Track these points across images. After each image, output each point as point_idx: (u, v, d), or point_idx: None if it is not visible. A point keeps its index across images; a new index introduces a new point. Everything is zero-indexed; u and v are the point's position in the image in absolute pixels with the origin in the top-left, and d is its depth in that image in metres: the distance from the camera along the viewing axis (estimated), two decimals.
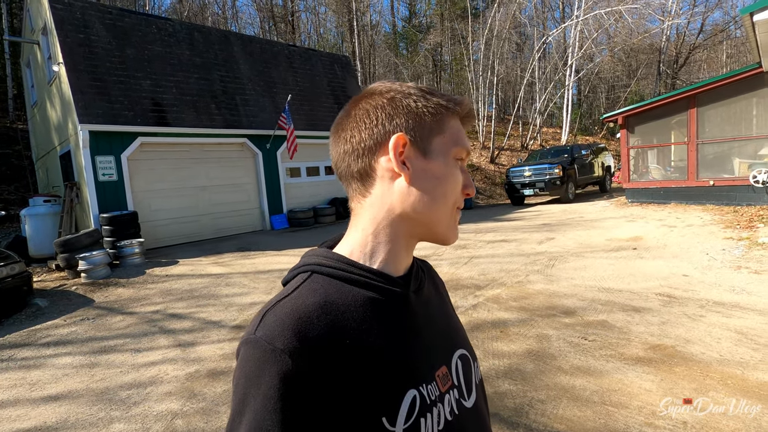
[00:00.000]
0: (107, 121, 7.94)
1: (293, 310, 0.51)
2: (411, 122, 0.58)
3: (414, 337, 0.59)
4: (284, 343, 0.48)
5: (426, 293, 0.66)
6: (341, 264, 0.58)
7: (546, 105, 23.02)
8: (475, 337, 3.57)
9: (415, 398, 0.54)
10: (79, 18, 8.28)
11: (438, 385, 0.58)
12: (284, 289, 0.57)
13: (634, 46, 24.06)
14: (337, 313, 0.53)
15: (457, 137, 0.61)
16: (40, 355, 3.98)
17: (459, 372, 0.64)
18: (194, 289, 5.75)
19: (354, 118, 0.60)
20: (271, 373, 0.47)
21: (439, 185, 0.59)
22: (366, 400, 0.50)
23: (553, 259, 5.90)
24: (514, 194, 13.24)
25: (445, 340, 0.65)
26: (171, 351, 3.82)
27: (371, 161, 0.59)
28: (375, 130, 0.58)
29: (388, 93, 0.60)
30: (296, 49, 12.80)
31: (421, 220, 0.60)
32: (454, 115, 0.61)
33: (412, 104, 0.59)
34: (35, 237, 7.99)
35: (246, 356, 0.49)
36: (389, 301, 0.58)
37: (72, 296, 5.80)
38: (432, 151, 0.59)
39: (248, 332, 0.51)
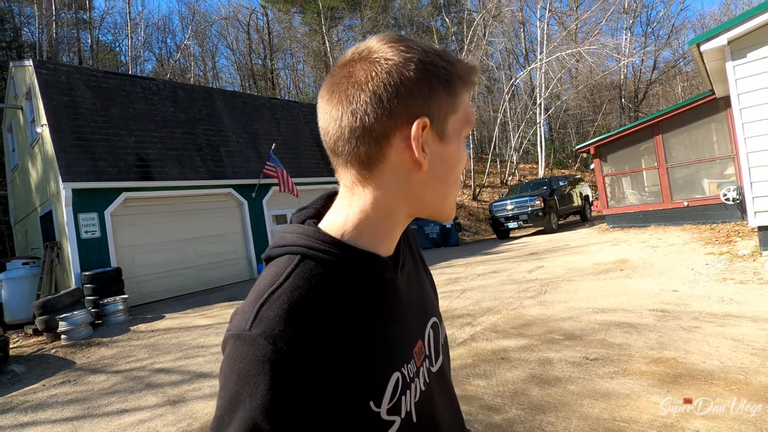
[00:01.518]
0: (91, 178, 7.92)
1: (291, 305, 0.47)
2: (433, 103, 0.51)
3: (398, 319, 0.57)
4: (285, 341, 0.45)
5: (407, 268, 0.63)
6: (335, 249, 0.52)
7: (520, 142, 23.99)
8: (476, 365, 3.51)
9: (398, 380, 0.53)
10: (64, 81, 8.48)
11: (415, 361, 0.58)
12: (271, 273, 0.51)
13: (597, 84, 25.68)
14: (334, 304, 0.50)
15: (468, 114, 0.56)
16: (17, 422, 3.71)
17: (430, 341, 0.64)
18: (182, 342, 5.53)
19: (365, 88, 0.50)
20: (271, 373, 0.44)
21: (454, 170, 0.55)
22: (356, 387, 0.49)
23: (545, 285, 5.93)
24: (498, 228, 13.44)
25: (422, 313, 0.64)
26: (160, 408, 3.62)
27: (383, 146, 0.51)
28: (397, 110, 0.50)
29: (410, 55, 0.51)
30: (278, 101, 13.24)
31: (432, 204, 0.56)
32: (467, 87, 0.55)
33: (433, 79, 0.51)
34: (12, 302, 7.66)
35: (240, 353, 0.46)
36: (380, 286, 0.55)
37: (51, 359, 5.50)
38: (447, 133, 0.54)
39: (239, 326, 0.47)
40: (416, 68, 0.50)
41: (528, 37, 29.18)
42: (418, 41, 0.53)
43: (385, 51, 0.51)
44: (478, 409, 2.80)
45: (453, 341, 4.17)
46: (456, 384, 3.22)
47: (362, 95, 0.50)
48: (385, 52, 0.51)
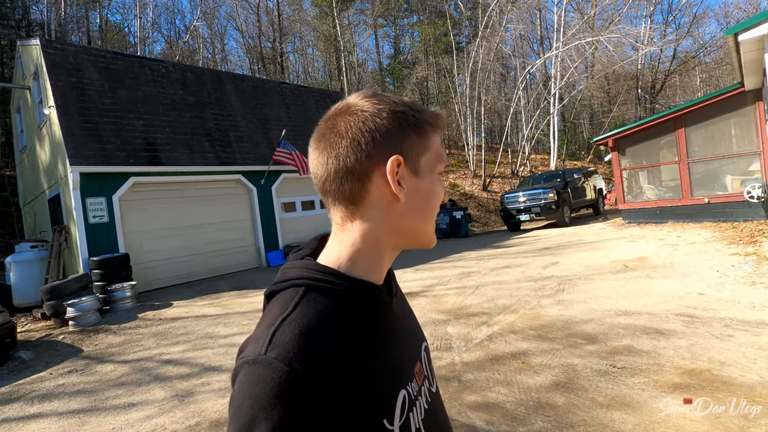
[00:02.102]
0: (99, 162, 7.80)
1: (304, 330, 0.50)
2: (406, 144, 0.59)
3: (398, 340, 0.62)
4: (301, 363, 0.47)
5: (399, 295, 0.70)
6: (335, 279, 0.57)
7: (533, 132, 23.51)
8: (496, 369, 3.36)
9: (405, 397, 0.58)
10: (72, 62, 8.30)
11: (417, 380, 0.63)
12: (279, 305, 0.55)
13: (613, 74, 25.01)
14: (342, 329, 0.54)
15: (439, 153, 0.63)
16: (23, 413, 3.64)
17: (426, 363, 0.70)
18: (190, 332, 5.44)
19: (347, 135, 0.58)
20: (288, 395, 0.46)
21: (429, 201, 0.62)
22: (371, 408, 0.52)
23: (562, 283, 5.74)
24: (509, 220, 13.20)
25: (415, 337, 0.70)
26: (168, 402, 3.52)
27: (366, 183, 0.58)
28: (373, 152, 0.57)
29: (383, 107, 0.59)
30: (288, 86, 12.98)
31: (412, 234, 0.62)
32: (436, 132, 0.63)
33: (404, 123, 0.59)
34: (20, 285, 7.64)
35: (255, 377, 0.47)
36: (379, 311, 0.60)
37: (59, 346, 5.45)
38: (421, 169, 0.61)
39: (254, 352, 0.49)
40: (388, 116, 0.59)
41: (543, 23, 28.43)
42: (389, 96, 0.62)
43: (362, 104, 0.60)
44: (500, 419, 2.65)
45: (470, 341, 4.02)
46: (476, 389, 3.08)
47: (343, 141, 0.58)
48: (362, 105, 0.59)
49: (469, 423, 2.64)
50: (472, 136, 21.99)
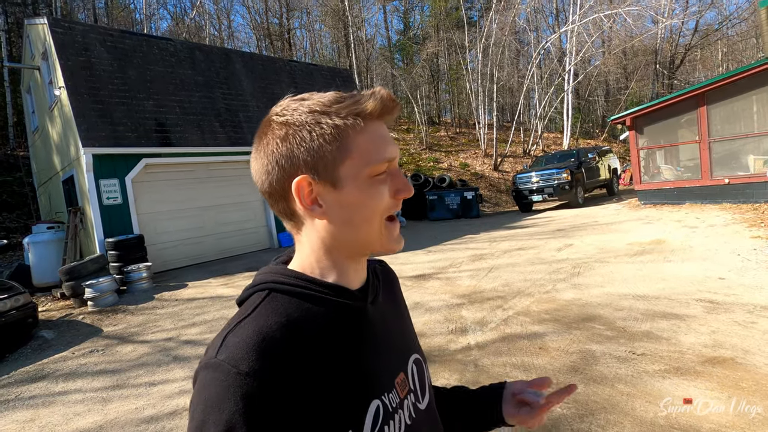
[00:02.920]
0: (111, 143, 7.79)
1: (256, 331, 0.49)
2: (309, 158, 0.54)
3: (374, 348, 0.59)
4: (249, 366, 0.46)
5: (382, 302, 0.66)
6: (299, 281, 0.57)
7: (546, 110, 22.97)
8: (512, 354, 3.35)
9: (379, 408, 0.55)
10: (80, 41, 8.21)
11: (398, 392, 0.60)
12: (242, 309, 0.55)
13: (632, 48, 24.15)
14: (299, 331, 0.52)
15: (367, 155, 0.55)
16: (49, 392, 3.75)
17: (414, 376, 0.66)
18: (206, 313, 5.53)
19: (259, 156, 0.58)
20: (236, 397, 0.45)
21: (357, 212, 0.56)
22: (332, 416, 0.50)
23: (577, 266, 5.68)
24: (521, 201, 13.05)
25: (402, 346, 0.67)
26: (188, 382, 3.59)
27: (288, 204, 0.57)
28: (280, 174, 0.56)
29: (281, 129, 0.56)
30: (297, 64, 12.75)
31: (353, 246, 0.58)
32: (359, 130, 0.55)
33: (306, 137, 0.54)
34: (39, 265, 7.79)
35: (207, 380, 0.47)
36: (348, 316, 0.58)
37: (79, 326, 5.57)
38: (341, 179, 0.55)
39: (208, 356, 0.49)
40: (286, 134, 0.55)
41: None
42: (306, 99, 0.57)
43: (267, 122, 0.58)
44: None
45: (485, 325, 4.02)
46: (493, 374, 3.08)
47: (259, 163, 0.58)
48: (271, 120, 0.57)
49: None
50: (483, 115, 21.58)
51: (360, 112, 0.56)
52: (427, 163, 20.25)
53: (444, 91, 31.40)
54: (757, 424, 2.19)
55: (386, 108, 0.57)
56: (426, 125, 22.84)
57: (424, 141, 22.42)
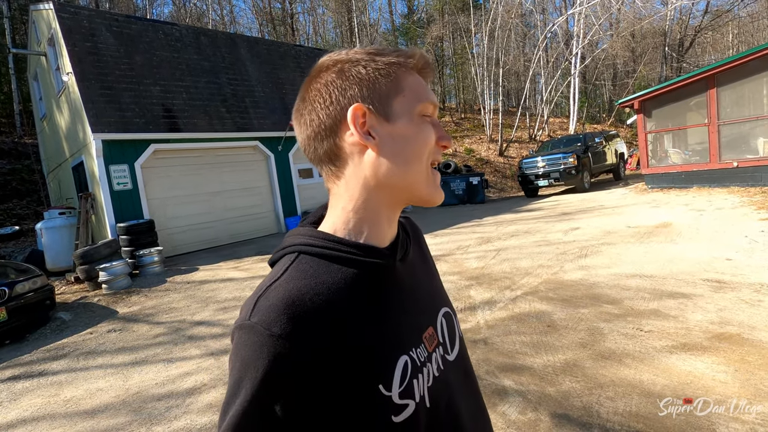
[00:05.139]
0: (120, 129, 7.85)
1: (286, 294, 0.51)
2: (365, 90, 0.56)
3: (401, 305, 0.60)
4: (281, 328, 0.49)
5: (411, 258, 0.66)
6: (327, 243, 0.57)
7: (552, 95, 22.72)
8: (521, 332, 3.42)
9: (407, 363, 0.56)
10: (86, 26, 8.19)
11: (426, 346, 0.61)
12: (272, 272, 0.57)
13: (641, 30, 23.71)
14: (329, 293, 0.53)
15: (417, 93, 0.58)
16: (71, 368, 3.88)
17: (444, 329, 0.67)
18: (218, 294, 5.64)
19: (309, 101, 0.59)
20: (270, 357, 0.48)
21: (408, 146, 0.57)
22: (361, 372, 0.52)
23: (584, 248, 5.72)
24: (527, 186, 13.03)
25: (431, 301, 0.68)
26: (204, 360, 3.70)
27: (336, 140, 0.58)
28: (331, 108, 0.57)
29: (335, 66, 0.58)
30: (302, 48, 12.67)
31: (399, 186, 0.58)
32: (409, 71, 0.59)
33: (362, 71, 0.57)
34: (52, 250, 7.93)
35: (242, 341, 0.50)
36: (377, 274, 0.58)
37: (95, 308, 5.71)
38: (394, 113, 0.57)
39: (242, 317, 0.51)
40: (341, 68, 0.57)
41: None
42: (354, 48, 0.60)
43: (319, 68, 0.59)
44: (529, 379, 2.73)
45: (494, 305, 4.09)
46: (503, 351, 3.16)
47: (308, 106, 0.59)
48: (319, 68, 0.59)
49: (498, 383, 2.73)
50: (488, 100, 21.39)
51: (410, 56, 0.59)
52: None
53: (449, 75, 31.08)
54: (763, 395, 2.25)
55: (426, 65, 0.61)
56: None
57: None
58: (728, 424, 2.09)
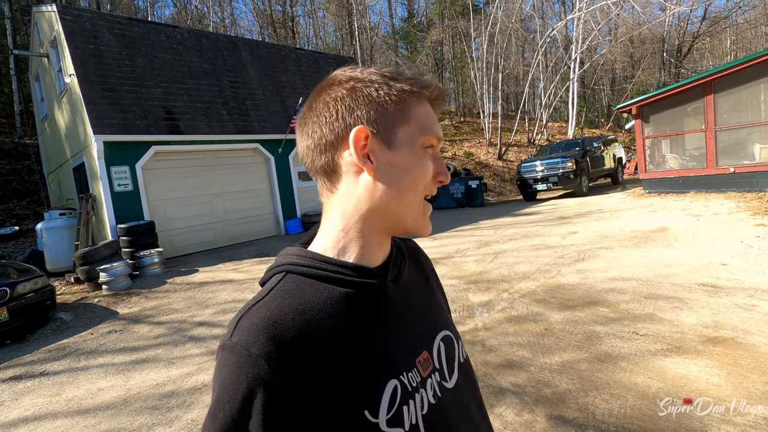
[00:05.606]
0: (121, 131, 7.89)
1: (267, 314, 0.51)
2: (372, 113, 0.56)
3: (393, 327, 0.58)
4: (259, 348, 0.48)
5: (406, 279, 0.65)
6: (314, 262, 0.57)
7: (551, 100, 22.85)
8: (518, 334, 3.47)
9: (396, 388, 0.54)
10: (89, 29, 8.25)
11: (419, 371, 0.58)
12: (259, 292, 0.56)
13: (639, 36, 23.87)
14: (312, 313, 0.52)
15: (424, 125, 0.58)
16: (72, 368, 3.91)
17: (441, 354, 0.64)
18: (218, 295, 5.67)
19: (315, 111, 0.58)
20: (248, 378, 0.47)
21: (405, 177, 0.57)
22: (346, 397, 0.50)
23: (581, 252, 5.77)
24: (526, 189, 13.10)
25: (427, 324, 0.65)
26: (206, 360, 3.74)
27: (334, 156, 0.57)
28: (336, 124, 0.56)
29: (348, 82, 0.57)
30: (303, 52, 12.75)
31: (389, 213, 0.58)
32: (420, 101, 0.58)
33: (373, 93, 0.56)
34: (52, 250, 7.95)
35: (222, 361, 0.50)
36: (365, 295, 0.57)
37: (95, 309, 5.73)
38: (397, 141, 0.56)
39: (224, 337, 0.51)
40: (353, 86, 0.56)
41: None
42: (369, 68, 0.59)
43: (331, 80, 0.59)
44: (526, 381, 2.77)
45: (491, 308, 4.13)
46: (501, 353, 3.20)
47: (314, 117, 0.58)
48: (331, 81, 0.58)
49: (496, 385, 2.77)
50: (487, 104, 21.50)
51: (424, 87, 0.58)
52: None
53: (448, 79, 31.21)
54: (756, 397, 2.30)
55: (439, 97, 0.61)
56: None
57: None
58: (720, 426, 2.13)
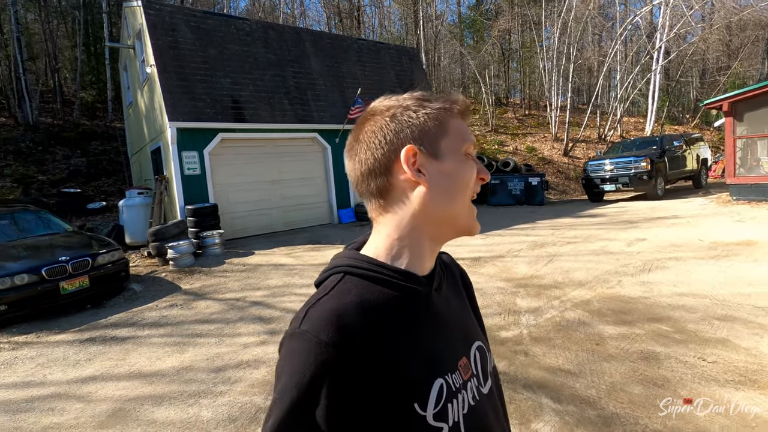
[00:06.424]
0: (192, 118, 8.45)
1: (334, 307, 0.56)
2: (416, 132, 0.62)
3: (438, 331, 0.64)
4: (328, 336, 0.52)
5: (445, 290, 0.70)
6: (371, 265, 0.62)
7: (628, 92, 21.06)
8: (566, 347, 3.26)
9: (442, 386, 0.59)
10: (168, 22, 8.87)
11: (461, 374, 0.63)
12: (321, 289, 0.61)
13: (740, 22, 21.20)
14: (371, 311, 0.57)
15: (462, 134, 0.65)
16: (136, 336, 4.29)
17: (477, 362, 0.69)
18: (270, 279, 5.92)
19: (364, 141, 0.64)
20: (317, 363, 0.51)
21: (455, 182, 0.63)
22: (398, 389, 0.55)
23: (648, 262, 5.29)
24: (592, 189, 12.25)
25: (464, 333, 0.70)
26: (251, 341, 3.92)
27: (389, 177, 0.63)
28: (386, 148, 0.62)
29: (388, 111, 0.64)
30: (365, 42, 12.80)
31: (444, 217, 0.64)
32: (453, 115, 0.65)
33: (413, 115, 0.63)
34: (131, 226, 8.75)
35: (291, 348, 0.54)
36: (414, 299, 0.62)
37: (162, 282, 6.24)
38: (441, 153, 0.63)
39: (293, 327, 0.56)
40: (394, 113, 0.63)
41: None
42: (404, 95, 0.66)
43: (372, 111, 0.66)
44: (569, 398, 2.60)
45: (539, 315, 3.92)
46: (544, 365, 3.03)
47: (363, 146, 0.64)
48: (372, 112, 0.66)
49: (535, 399, 2.63)
50: (556, 96, 20.31)
51: (454, 102, 0.66)
52: (492, 145, 19.60)
53: (515, 69, 29.88)
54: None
55: (467, 109, 0.68)
56: (493, 106, 22.00)
57: (490, 122, 21.66)
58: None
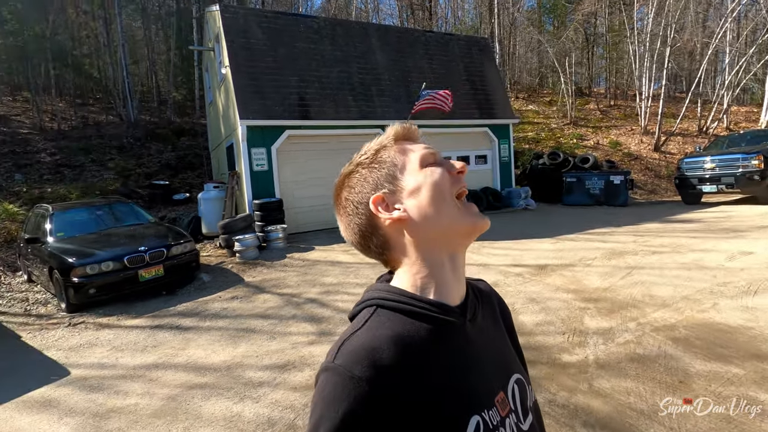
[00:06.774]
0: (262, 116, 8.82)
1: (367, 341, 0.57)
2: (372, 183, 0.67)
3: (473, 365, 0.63)
4: (361, 371, 0.53)
5: (481, 321, 0.69)
6: (403, 297, 0.63)
7: (740, 78, 18.29)
8: (640, 380, 2.82)
9: (479, 424, 0.57)
10: (242, 24, 9.32)
11: (498, 410, 0.62)
12: (354, 322, 0.62)
13: None
14: (404, 345, 0.57)
15: (406, 154, 0.67)
16: (198, 326, 4.54)
17: (516, 397, 0.67)
18: (327, 276, 5.98)
19: (344, 214, 0.70)
20: (350, 398, 0.52)
21: (429, 193, 0.64)
22: (433, 427, 0.54)
23: (754, 282, 4.47)
24: (687, 190, 10.81)
25: (502, 366, 0.68)
26: (300, 341, 3.94)
27: (379, 231, 0.66)
28: (361, 210, 0.67)
29: (348, 179, 0.69)
30: (433, 35, 12.47)
31: (441, 230, 0.64)
32: (393, 146, 0.69)
33: (365, 173, 0.68)
34: (207, 217, 9.40)
35: (325, 381, 0.55)
36: (448, 332, 0.62)
37: (228, 273, 6.59)
38: (403, 181, 0.66)
39: (327, 361, 0.57)
40: (350, 182, 0.69)
41: None
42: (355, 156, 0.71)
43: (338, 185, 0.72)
44: None
45: (610, 339, 3.46)
46: (609, 401, 2.62)
47: (344, 218, 0.70)
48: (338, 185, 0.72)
49: None
50: (648, 84, 18.26)
51: (386, 136, 0.70)
52: (570, 139, 18.20)
53: (600, 56, 27.44)
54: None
55: (403, 130, 0.70)
56: (572, 97, 20.39)
57: (569, 114, 20.13)
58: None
